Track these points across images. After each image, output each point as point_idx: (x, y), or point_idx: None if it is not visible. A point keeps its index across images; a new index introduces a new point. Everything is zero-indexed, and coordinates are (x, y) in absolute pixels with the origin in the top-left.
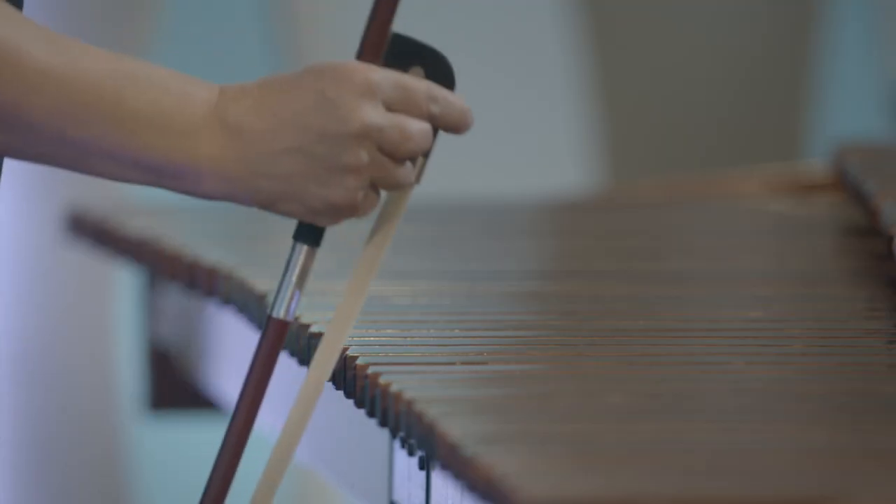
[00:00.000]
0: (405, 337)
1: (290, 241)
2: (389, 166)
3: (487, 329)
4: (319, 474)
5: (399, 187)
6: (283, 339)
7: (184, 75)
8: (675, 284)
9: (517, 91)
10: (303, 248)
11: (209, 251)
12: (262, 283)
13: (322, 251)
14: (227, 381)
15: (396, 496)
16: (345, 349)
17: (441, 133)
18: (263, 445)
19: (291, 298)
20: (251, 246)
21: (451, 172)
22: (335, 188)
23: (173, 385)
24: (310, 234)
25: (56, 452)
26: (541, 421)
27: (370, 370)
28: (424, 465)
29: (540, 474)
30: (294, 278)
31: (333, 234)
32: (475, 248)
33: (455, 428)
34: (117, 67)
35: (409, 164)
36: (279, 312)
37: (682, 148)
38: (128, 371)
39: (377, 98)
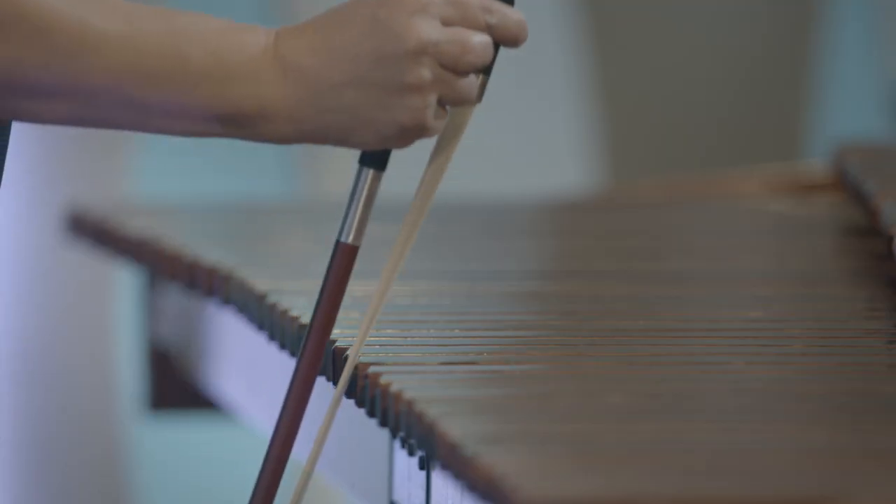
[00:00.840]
0: (405, 337)
1: (290, 241)
2: (453, 80)
3: (487, 329)
4: (319, 474)
5: (465, 102)
6: (352, 264)
7: (236, 23)
8: (675, 284)
9: (517, 91)
10: (369, 172)
11: (209, 251)
12: (262, 283)
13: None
14: (227, 381)
15: (396, 496)
16: (343, 350)
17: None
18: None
19: (360, 222)
20: (251, 246)
21: (451, 172)
22: (402, 110)
23: (173, 385)
24: (375, 158)
25: (56, 452)
26: (541, 421)
27: (370, 370)
28: (424, 465)
29: (540, 474)
30: (361, 202)
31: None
32: (475, 248)
33: (455, 428)
34: (172, 23)
35: (472, 76)
36: (347, 237)
37: (682, 148)
38: (128, 371)
39: (431, 14)
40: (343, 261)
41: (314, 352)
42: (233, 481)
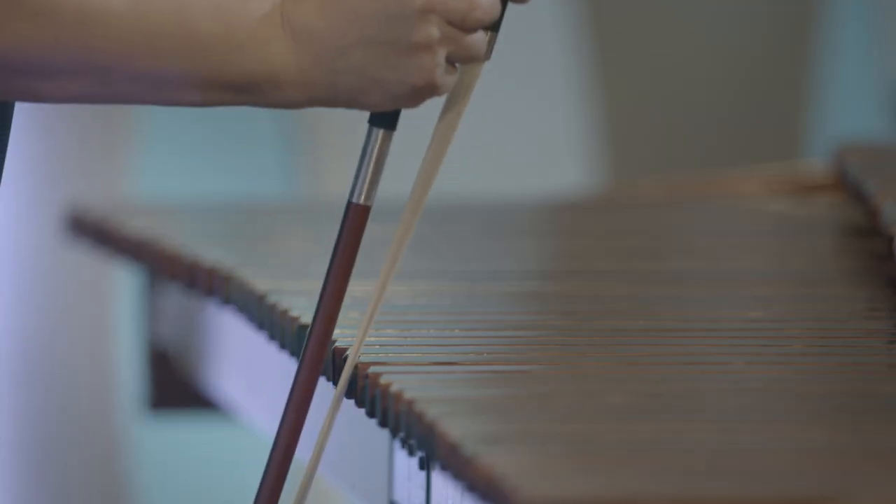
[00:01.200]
0: (405, 337)
1: (290, 241)
2: (461, 38)
3: (487, 329)
4: (320, 475)
5: (474, 59)
6: (363, 224)
7: None
8: (675, 284)
9: (517, 91)
10: (379, 133)
11: (209, 251)
12: (262, 283)
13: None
14: (227, 381)
15: (396, 496)
16: (343, 350)
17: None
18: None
19: (371, 183)
20: (251, 246)
21: (451, 172)
22: (411, 70)
23: (173, 385)
24: (385, 118)
25: (56, 452)
26: (541, 421)
27: (370, 370)
28: (424, 465)
29: (540, 474)
30: (372, 163)
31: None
32: (475, 248)
33: (455, 428)
34: None
35: (480, 33)
36: (359, 198)
37: (682, 148)
38: (128, 371)
39: None
40: (356, 221)
41: (330, 309)
42: (233, 481)
